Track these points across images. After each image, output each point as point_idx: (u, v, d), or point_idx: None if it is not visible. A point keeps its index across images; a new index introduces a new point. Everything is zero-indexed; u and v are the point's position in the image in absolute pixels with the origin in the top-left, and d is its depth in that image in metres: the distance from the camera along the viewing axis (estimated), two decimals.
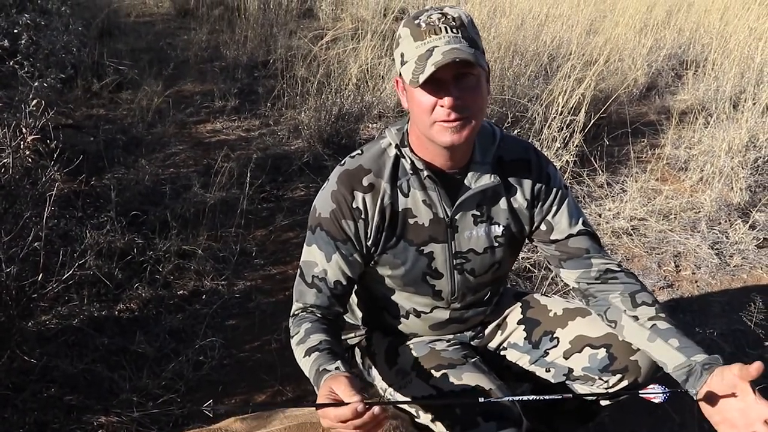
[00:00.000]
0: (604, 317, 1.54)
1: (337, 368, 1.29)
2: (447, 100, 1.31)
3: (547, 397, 1.32)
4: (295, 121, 4.16)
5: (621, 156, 3.99)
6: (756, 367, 1.21)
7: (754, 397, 1.22)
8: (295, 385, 2.22)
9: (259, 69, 5.17)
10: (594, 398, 1.65)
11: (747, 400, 1.23)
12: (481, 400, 1.33)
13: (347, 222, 1.47)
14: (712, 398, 1.28)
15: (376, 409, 1.16)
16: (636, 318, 1.46)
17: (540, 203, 1.55)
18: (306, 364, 1.37)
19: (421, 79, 1.29)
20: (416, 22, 1.33)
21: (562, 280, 1.65)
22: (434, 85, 1.31)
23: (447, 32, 1.30)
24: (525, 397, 1.33)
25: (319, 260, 1.49)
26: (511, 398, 1.38)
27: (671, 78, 5.38)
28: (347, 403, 1.16)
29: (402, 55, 1.35)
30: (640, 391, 1.28)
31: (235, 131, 4.26)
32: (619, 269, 1.55)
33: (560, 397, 1.35)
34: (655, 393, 1.26)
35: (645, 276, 2.92)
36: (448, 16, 1.32)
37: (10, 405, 2.01)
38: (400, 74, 1.38)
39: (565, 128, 3.59)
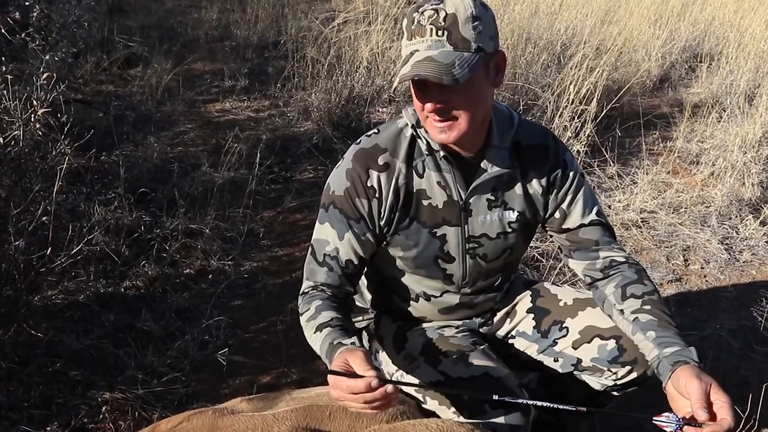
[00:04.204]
0: (603, 310, 1.55)
1: (353, 343, 1.29)
2: (428, 106, 1.32)
3: (561, 406, 1.29)
4: (304, 103, 4.15)
5: (632, 148, 3.96)
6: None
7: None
8: (300, 367, 2.22)
9: (270, 49, 5.14)
10: (602, 391, 1.63)
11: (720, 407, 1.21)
12: (496, 397, 1.30)
13: (361, 200, 1.46)
14: (671, 395, 1.28)
15: (389, 387, 1.16)
16: (622, 312, 1.46)
17: (555, 190, 1.54)
18: (317, 340, 1.36)
19: (394, 85, 1.32)
20: (413, 16, 1.30)
21: (571, 270, 1.64)
22: (420, 86, 1.31)
23: (431, 35, 1.27)
24: (540, 403, 1.30)
25: (331, 238, 1.48)
26: (525, 402, 1.36)
27: (685, 71, 5.33)
28: (362, 376, 1.16)
29: (400, 49, 1.35)
30: (654, 418, 1.25)
31: (245, 111, 4.24)
32: (623, 261, 1.53)
33: (574, 408, 1.29)
34: (668, 423, 1.24)
35: (653, 269, 2.90)
36: (440, 14, 1.27)
37: (16, 378, 2.01)
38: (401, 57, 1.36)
39: (576, 118, 3.56)
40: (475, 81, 1.30)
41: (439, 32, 1.27)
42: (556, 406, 1.29)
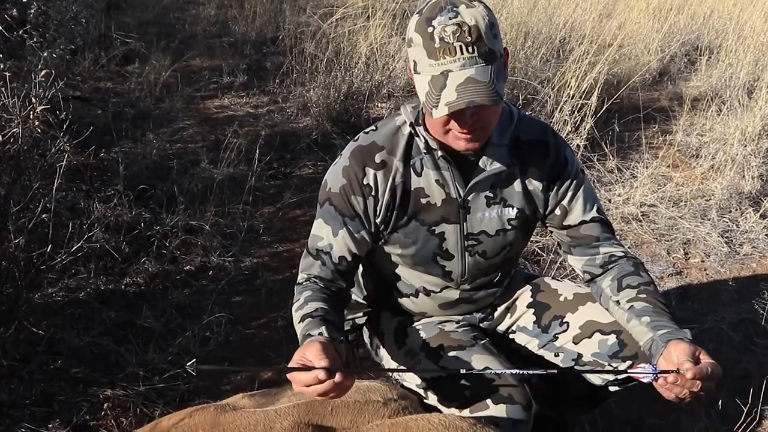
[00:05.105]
0: (600, 303, 1.55)
1: (320, 333, 1.29)
2: (462, 125, 1.30)
3: (531, 371, 1.39)
4: (303, 99, 4.14)
5: (632, 142, 3.96)
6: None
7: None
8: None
9: (268, 45, 5.14)
10: (603, 385, 1.63)
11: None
12: (463, 371, 1.35)
13: (357, 198, 1.46)
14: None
15: (337, 376, 1.17)
16: (618, 302, 1.46)
17: (556, 187, 1.53)
18: (298, 330, 1.37)
19: (435, 115, 1.26)
20: (429, 30, 1.25)
21: (570, 266, 1.65)
22: None
23: (462, 52, 1.23)
24: (522, 371, 1.35)
25: (325, 234, 1.48)
26: (495, 371, 1.41)
27: (684, 64, 5.32)
28: (313, 368, 1.17)
29: (415, 63, 1.30)
30: (629, 370, 1.31)
31: (243, 107, 4.24)
32: (622, 255, 1.54)
33: (544, 372, 1.38)
34: (644, 373, 1.28)
35: (653, 263, 2.90)
36: (464, 29, 1.23)
37: (17, 376, 2.01)
38: (414, 70, 1.32)
39: (576, 112, 3.55)
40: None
41: (470, 48, 1.23)
42: (525, 372, 1.38)
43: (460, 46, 1.23)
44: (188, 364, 1.20)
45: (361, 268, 1.69)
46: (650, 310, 1.40)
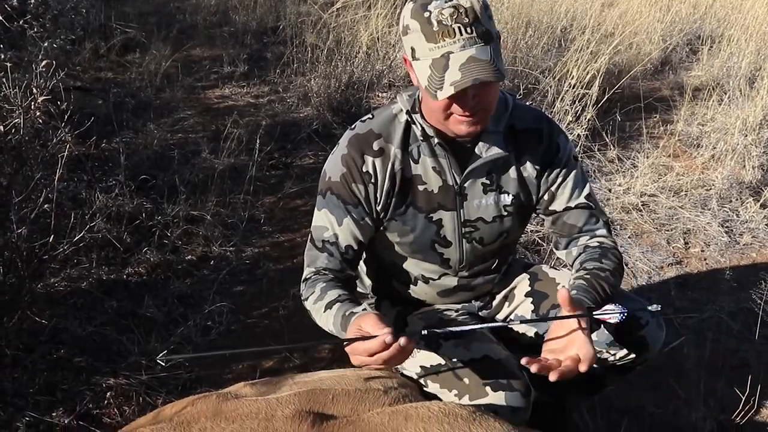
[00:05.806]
0: None
1: (364, 309, 1.32)
2: (463, 107, 1.31)
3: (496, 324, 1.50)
4: (304, 89, 4.13)
5: (633, 131, 3.96)
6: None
7: (583, 337, 1.28)
8: (303, 352, 2.23)
9: (269, 35, 5.12)
10: (601, 373, 1.64)
11: (575, 335, 1.29)
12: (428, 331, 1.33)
13: (358, 186, 1.47)
14: (554, 328, 1.34)
15: (402, 340, 1.19)
16: (569, 281, 1.47)
17: (547, 173, 1.54)
18: (329, 318, 1.38)
19: (440, 96, 1.27)
20: (426, 15, 1.26)
21: (561, 261, 1.65)
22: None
23: (461, 33, 1.25)
24: (483, 326, 1.45)
25: (330, 224, 1.49)
26: (478, 326, 1.45)
27: (686, 53, 5.30)
28: (375, 336, 1.18)
29: (413, 50, 1.31)
30: (594, 313, 1.32)
31: (244, 97, 4.24)
32: (596, 245, 1.54)
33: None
34: (611, 314, 1.30)
35: (653, 252, 2.91)
36: (460, 11, 1.25)
37: (21, 365, 2.02)
38: (412, 57, 1.33)
39: (577, 102, 3.55)
40: None
41: (468, 29, 1.25)
42: (499, 324, 1.51)
43: (459, 28, 1.25)
44: (159, 356, 1.23)
45: None
46: (583, 287, 1.40)
